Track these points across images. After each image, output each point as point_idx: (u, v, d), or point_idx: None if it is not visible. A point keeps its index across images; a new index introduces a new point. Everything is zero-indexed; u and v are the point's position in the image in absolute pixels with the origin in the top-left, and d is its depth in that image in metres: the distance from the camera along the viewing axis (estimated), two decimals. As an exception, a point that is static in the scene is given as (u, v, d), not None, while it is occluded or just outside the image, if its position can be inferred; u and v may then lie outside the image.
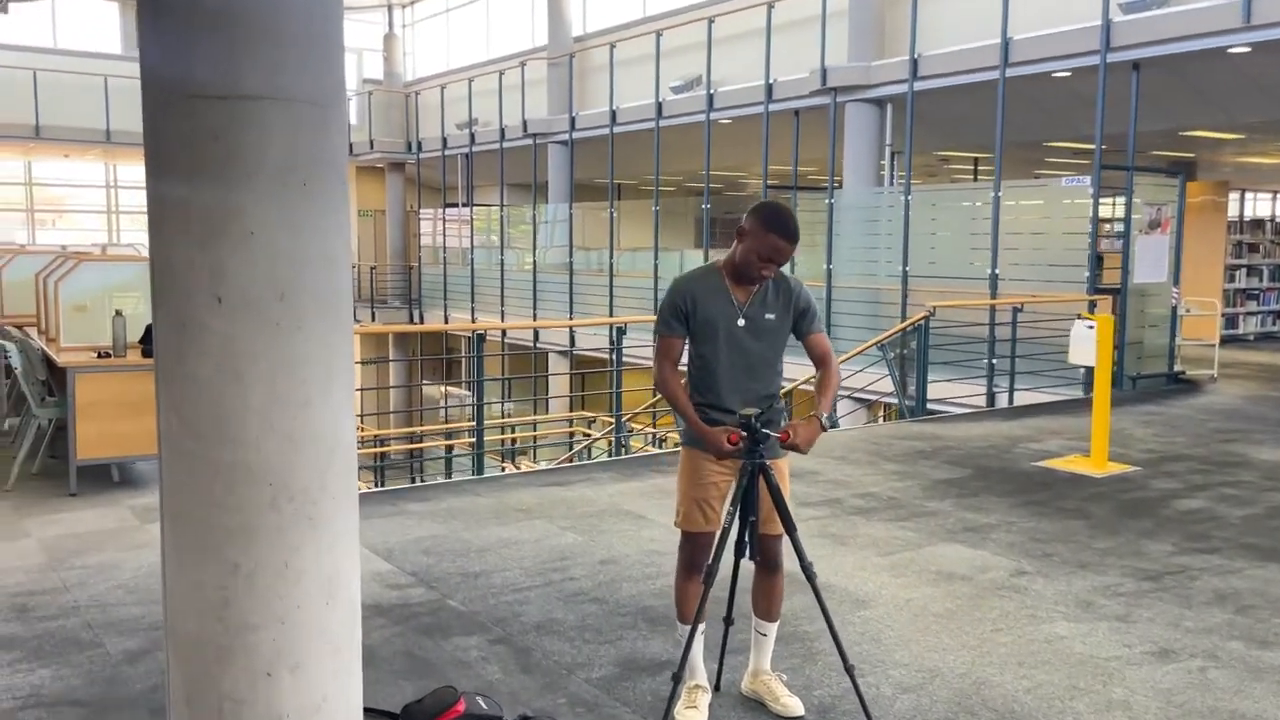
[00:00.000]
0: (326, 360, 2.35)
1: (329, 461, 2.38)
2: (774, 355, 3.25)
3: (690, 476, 3.26)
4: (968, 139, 14.72)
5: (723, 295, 3.16)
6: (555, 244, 18.22)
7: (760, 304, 3.18)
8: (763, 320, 3.18)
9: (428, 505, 5.86)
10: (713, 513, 3.26)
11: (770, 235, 3.04)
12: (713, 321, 3.14)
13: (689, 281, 3.20)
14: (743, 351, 3.17)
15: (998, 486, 6.34)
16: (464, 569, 4.71)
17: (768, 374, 3.23)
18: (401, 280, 23.06)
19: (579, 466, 7.22)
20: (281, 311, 2.27)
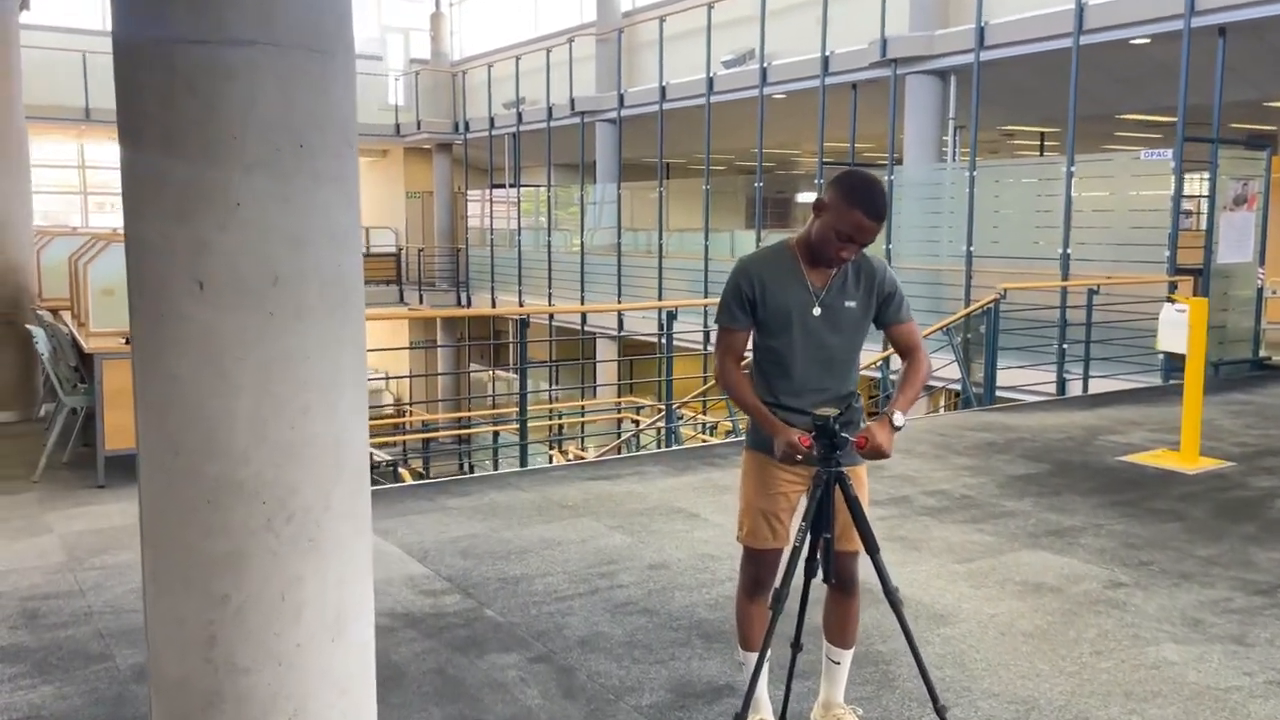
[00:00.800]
0: (331, 357, 1.99)
1: (334, 475, 2.02)
2: (853, 349, 2.84)
3: (756, 485, 2.86)
4: (1034, 112, 14.07)
5: (796, 279, 2.75)
6: (603, 225, 17.85)
7: (839, 290, 2.77)
8: (842, 309, 2.77)
9: (468, 500, 5.53)
10: (781, 528, 2.87)
11: (854, 211, 2.61)
12: (784, 310, 2.73)
13: (756, 263, 2.78)
14: (819, 345, 2.76)
15: (1080, 484, 5.86)
16: (503, 573, 4.37)
17: (846, 370, 2.82)
18: (449, 262, 22.85)
19: (627, 459, 6.86)
20: (275, 299, 1.91)
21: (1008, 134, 16.58)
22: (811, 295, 2.74)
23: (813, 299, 2.74)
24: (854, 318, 2.78)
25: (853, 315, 2.78)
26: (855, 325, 2.80)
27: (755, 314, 2.76)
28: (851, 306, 2.77)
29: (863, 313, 2.80)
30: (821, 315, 2.74)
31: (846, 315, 2.77)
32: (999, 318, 8.38)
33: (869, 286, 2.79)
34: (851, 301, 2.77)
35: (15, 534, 4.90)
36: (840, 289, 2.77)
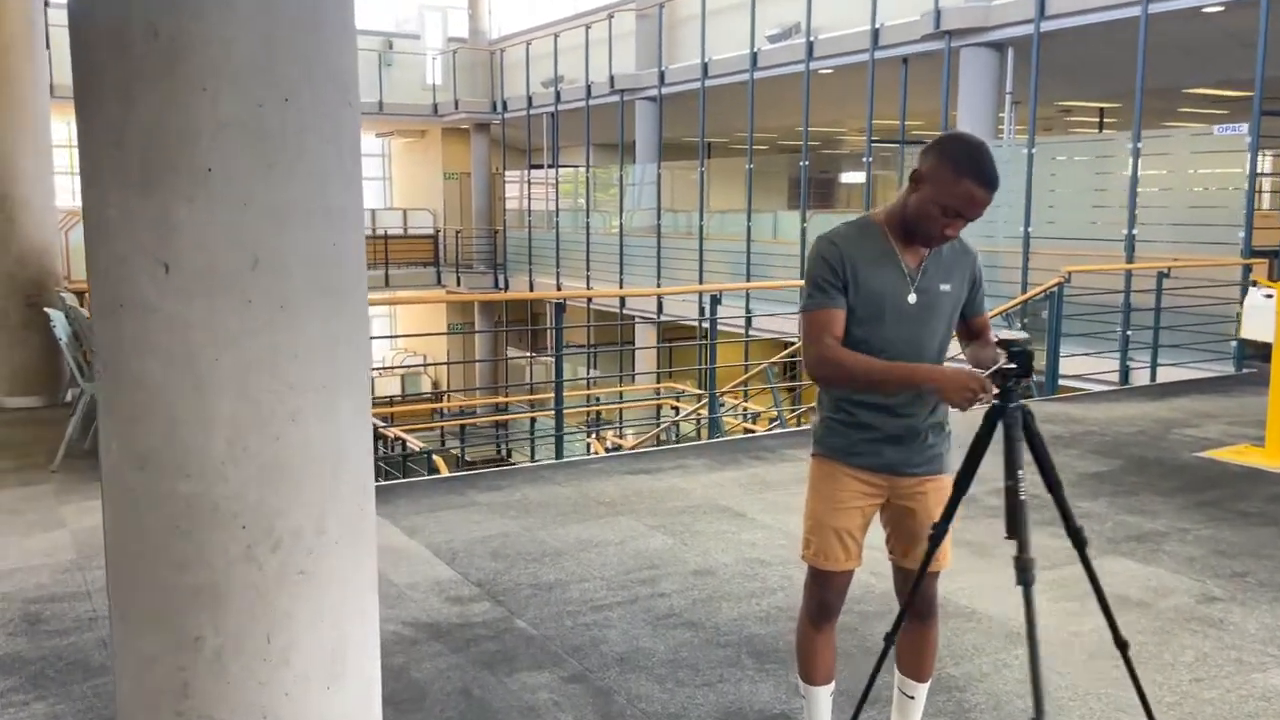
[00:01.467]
0: (325, 353, 1.67)
1: (330, 493, 1.71)
2: (946, 341, 2.49)
3: (827, 497, 2.51)
4: (1096, 86, 13.46)
5: (890, 261, 2.37)
6: (642, 206, 17.47)
7: (934, 272, 2.40)
8: (937, 294, 2.40)
9: (501, 496, 5.23)
10: (855, 546, 2.51)
11: (962, 181, 2.23)
12: (877, 296, 2.36)
13: (846, 241, 2.38)
14: (911, 337, 2.40)
15: (1159, 483, 5.44)
16: (537, 578, 4.06)
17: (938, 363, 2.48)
18: (486, 244, 22.60)
19: (668, 451, 6.52)
20: (256, 285, 1.59)
21: (1065, 110, 15.95)
22: (906, 279, 2.37)
23: (908, 283, 2.37)
24: (949, 305, 2.43)
25: (948, 302, 2.42)
26: (950, 314, 2.44)
27: (847, 297, 2.38)
28: (947, 291, 2.41)
29: (956, 298, 2.44)
30: (917, 302, 2.38)
31: (942, 302, 2.41)
32: (1062, 302, 7.93)
33: (963, 269, 2.44)
34: (947, 285, 2.41)
35: (28, 529, 4.67)
36: (935, 272, 2.40)
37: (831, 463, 2.50)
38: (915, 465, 2.47)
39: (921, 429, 2.46)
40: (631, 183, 17.88)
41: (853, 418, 2.44)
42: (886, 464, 2.45)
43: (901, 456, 2.46)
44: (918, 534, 2.50)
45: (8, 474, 5.59)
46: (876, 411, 2.42)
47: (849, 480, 2.47)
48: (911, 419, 2.45)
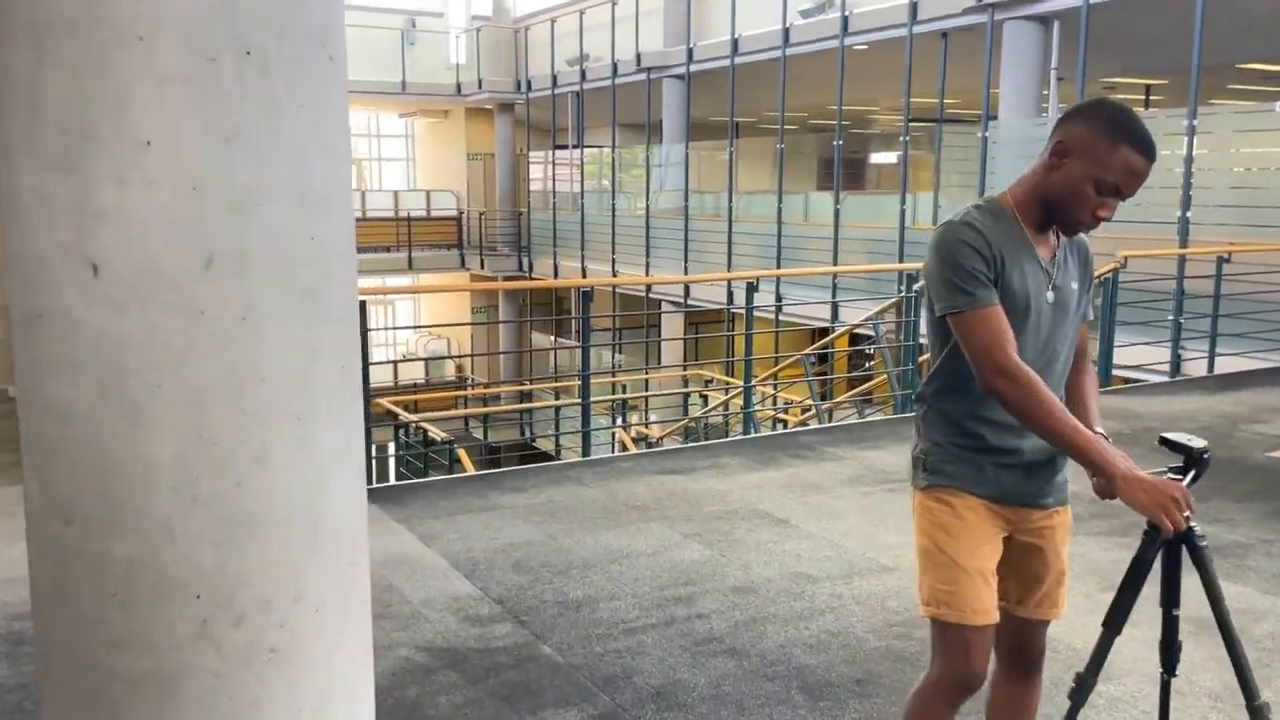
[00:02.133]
0: (300, 375, 1.32)
1: (308, 550, 1.36)
2: (1074, 345, 2.12)
3: (962, 534, 2.06)
4: (1144, 62, 12.92)
5: (1028, 252, 1.99)
6: (669, 187, 17.06)
7: (1066, 267, 2.05)
8: (1069, 292, 2.04)
9: (524, 498, 4.90)
10: (995, 591, 2.09)
11: (1120, 148, 1.85)
12: (1021, 294, 1.96)
13: (984, 227, 1.95)
14: (1048, 345, 2.02)
15: (1233, 486, 5.03)
16: (563, 594, 3.72)
17: (1063, 379, 2.11)
18: (510, 226, 22.25)
19: (701, 448, 6.16)
20: (209, 291, 1.25)
21: (1109, 88, 15.36)
22: (1044, 273, 2.00)
23: (1045, 279, 2.00)
24: (1078, 306, 2.06)
25: (1076, 301, 2.06)
26: (1078, 314, 2.08)
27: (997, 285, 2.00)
28: (1075, 289, 2.05)
29: (1082, 297, 2.07)
30: (1054, 302, 2.00)
31: (1073, 303, 2.05)
32: (1117, 288, 7.49)
33: (1084, 265, 2.08)
34: (1075, 283, 2.05)
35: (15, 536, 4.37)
36: (1066, 266, 2.04)
37: (959, 493, 2.05)
38: (1046, 495, 2.09)
39: (1058, 455, 2.07)
40: (658, 164, 17.45)
41: (982, 441, 2.03)
42: (1019, 494, 2.05)
43: (1035, 486, 2.07)
44: (1040, 575, 2.12)
45: (5, 470, 5.31)
46: (1013, 434, 2.01)
47: (984, 511, 2.05)
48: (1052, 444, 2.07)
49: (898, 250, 12.18)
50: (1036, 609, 2.12)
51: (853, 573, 3.93)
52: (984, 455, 2.03)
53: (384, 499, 4.87)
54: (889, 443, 5.91)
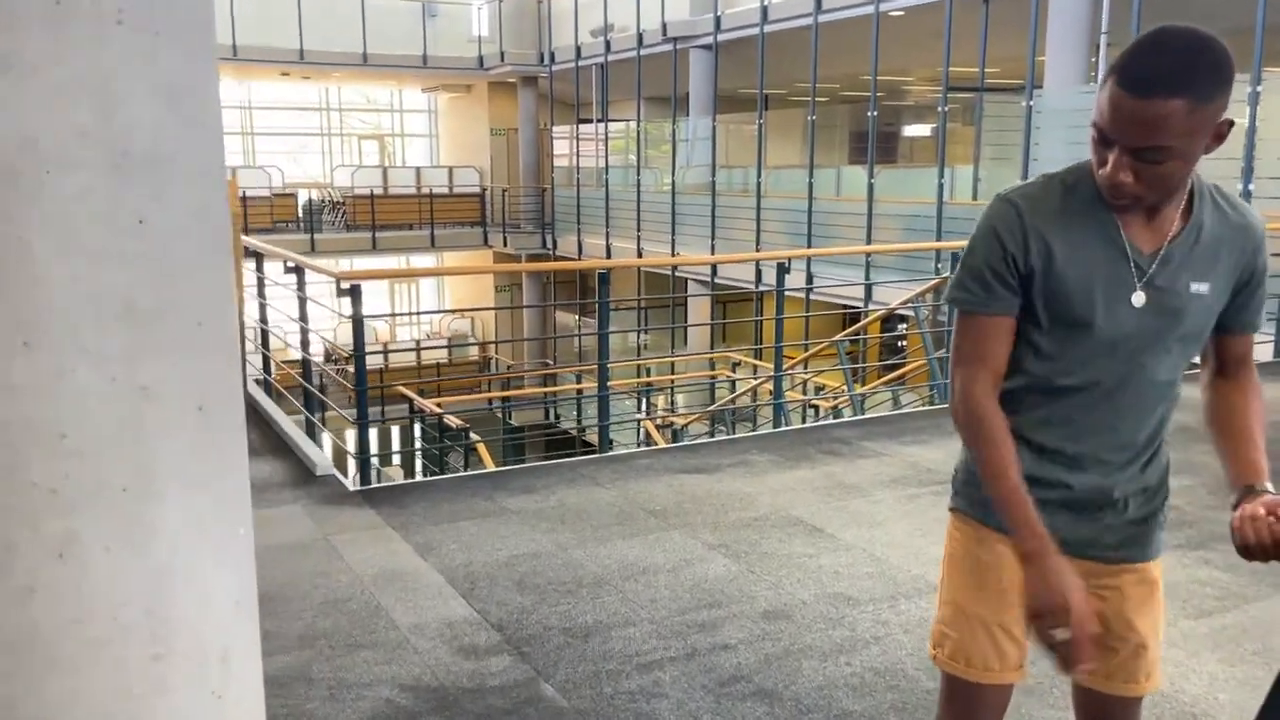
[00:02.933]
0: (130, 424, 0.89)
1: (148, 691, 0.93)
2: (1184, 365, 1.64)
3: (972, 573, 1.70)
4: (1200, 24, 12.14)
5: (1107, 237, 1.54)
6: (696, 163, 16.53)
7: (1183, 263, 1.55)
8: (1185, 297, 1.55)
9: (534, 500, 4.48)
10: (1014, 648, 1.69)
11: (1109, 81, 1.43)
12: (1083, 292, 1.54)
13: (1034, 205, 1.55)
14: (1129, 364, 1.56)
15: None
16: (570, 619, 3.30)
17: (1165, 403, 1.63)
18: (534, 203, 21.80)
19: (728, 443, 5.72)
20: None
21: (1157, 54, 14.60)
22: (1131, 267, 1.54)
23: (1133, 274, 1.54)
24: (1200, 316, 1.57)
25: (1200, 312, 1.57)
26: (1200, 330, 1.59)
27: (1028, 294, 1.56)
28: (1201, 294, 1.55)
29: (1212, 307, 1.58)
30: (1146, 305, 1.54)
31: (1190, 311, 1.56)
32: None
33: (1235, 255, 1.57)
34: (1202, 284, 1.55)
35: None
36: (1185, 262, 1.55)
37: (979, 525, 1.68)
38: (1106, 548, 1.66)
39: (1120, 493, 1.63)
40: (684, 138, 16.92)
41: (1045, 479, 1.62)
42: (1064, 542, 1.59)
43: (1086, 533, 1.65)
44: (1110, 644, 1.67)
45: None
46: (1063, 464, 1.60)
47: (1006, 552, 1.63)
48: (1106, 476, 1.62)
49: (935, 227, 11.62)
50: (1109, 682, 1.67)
51: (898, 594, 3.48)
52: None
53: (382, 501, 4.47)
54: (931, 436, 5.44)
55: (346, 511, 4.34)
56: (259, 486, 4.70)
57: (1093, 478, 1.61)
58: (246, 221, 17.95)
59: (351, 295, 4.64)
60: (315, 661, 3.01)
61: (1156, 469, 1.65)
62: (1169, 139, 1.39)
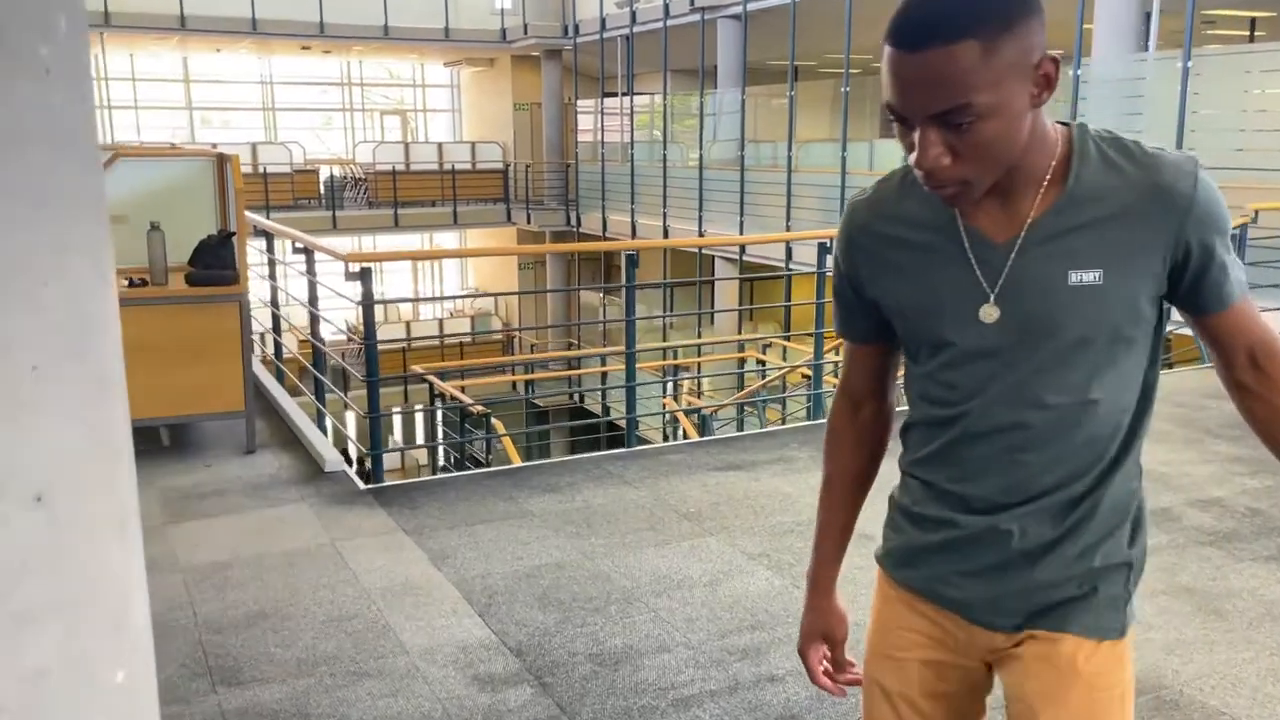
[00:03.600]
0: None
1: None
2: (1125, 374, 1.22)
3: (874, 629, 1.39)
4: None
5: (943, 234, 1.23)
6: (724, 137, 16.07)
7: (1054, 244, 1.17)
8: (1062, 289, 1.17)
9: (558, 501, 4.14)
10: None
11: (885, 46, 1.11)
12: (929, 309, 1.25)
13: (871, 208, 1.29)
14: (1011, 378, 1.22)
15: None
16: (598, 642, 2.97)
17: (1085, 431, 1.21)
18: (558, 179, 21.41)
19: (766, 436, 5.35)
20: None
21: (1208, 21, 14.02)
22: (973, 268, 1.20)
23: (977, 277, 1.20)
24: (1099, 310, 1.17)
25: (1095, 305, 1.17)
26: (1106, 327, 1.18)
27: (882, 314, 1.31)
28: (1089, 283, 1.16)
29: (1124, 295, 1.17)
30: (1001, 318, 1.19)
31: (1077, 307, 1.17)
32: (1246, 247, 6.49)
33: (1155, 231, 1.15)
34: (1089, 271, 1.16)
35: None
36: (1057, 243, 1.17)
37: (882, 573, 1.39)
38: (1007, 612, 1.27)
39: (1023, 543, 1.23)
40: (711, 112, 16.46)
41: (909, 499, 1.34)
42: (953, 598, 1.29)
43: (982, 591, 1.27)
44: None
45: None
46: (941, 499, 1.28)
47: (905, 609, 1.34)
48: (1003, 520, 1.24)
49: (975, 203, 11.15)
50: None
51: (963, 615, 3.12)
52: (913, 525, 1.33)
53: (394, 500, 4.15)
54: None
55: (355, 512, 4.03)
56: (265, 483, 4.40)
57: (984, 520, 1.24)
58: (268, 198, 17.74)
59: (361, 278, 4.31)
60: (313, 693, 2.69)
61: (1096, 521, 1.23)
62: (969, 93, 1.06)
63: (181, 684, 2.73)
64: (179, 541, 3.73)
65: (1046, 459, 1.21)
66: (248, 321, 4.68)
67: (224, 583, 3.36)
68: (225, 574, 3.43)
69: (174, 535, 3.79)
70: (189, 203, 5.13)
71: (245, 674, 2.78)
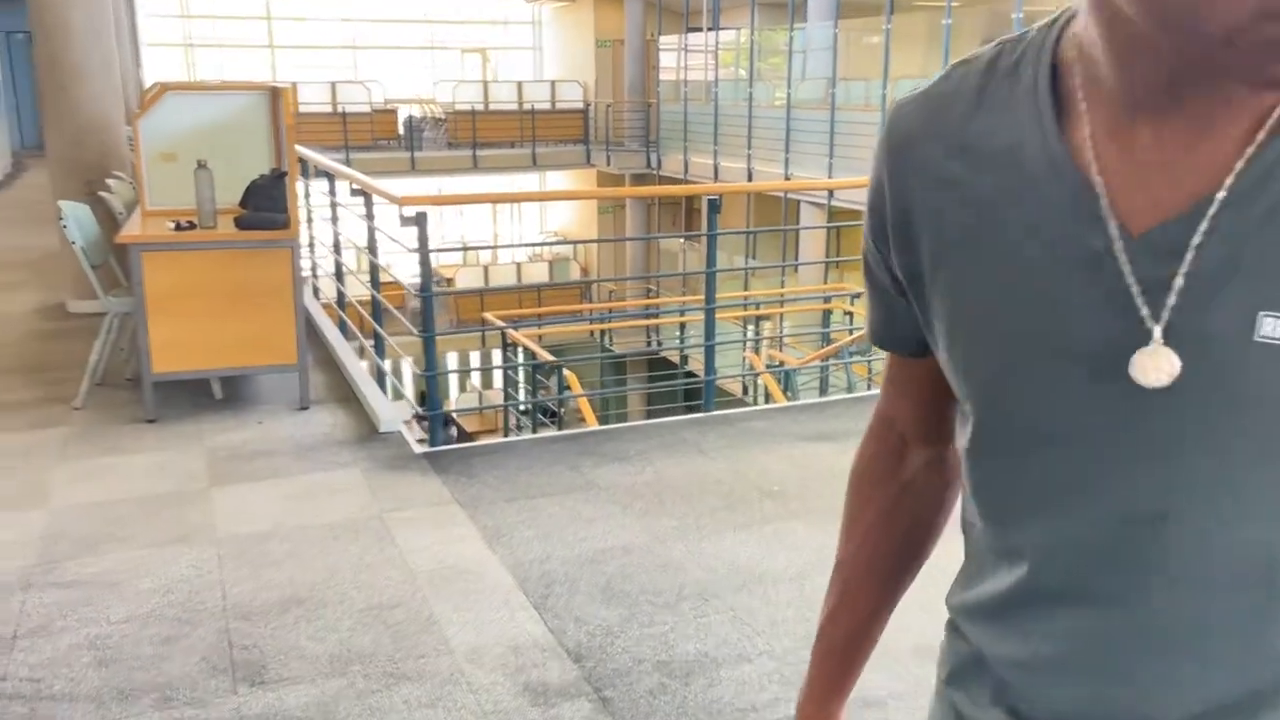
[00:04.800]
0: None
1: None
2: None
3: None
4: None
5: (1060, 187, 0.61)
6: (813, 75, 15.31)
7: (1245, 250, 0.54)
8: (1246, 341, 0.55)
9: (627, 471, 3.77)
10: None
11: None
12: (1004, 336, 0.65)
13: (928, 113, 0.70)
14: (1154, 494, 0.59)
15: None
16: (668, 648, 2.59)
17: None
18: (639, 119, 20.82)
19: (857, 401, 4.89)
20: None
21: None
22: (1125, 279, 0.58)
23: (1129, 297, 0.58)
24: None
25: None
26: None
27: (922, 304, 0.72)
28: None
29: None
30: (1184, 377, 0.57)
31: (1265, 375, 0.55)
32: None
33: None
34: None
35: (0, 502, 3.52)
36: (1249, 248, 0.55)
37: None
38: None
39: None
40: (800, 48, 15.67)
41: (951, 670, 0.80)
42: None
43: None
44: None
45: (25, 409, 4.50)
46: (999, 691, 0.73)
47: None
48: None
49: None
50: None
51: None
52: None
53: (450, 466, 3.82)
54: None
55: (408, 480, 3.71)
56: (316, 442, 4.11)
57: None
58: (346, 138, 17.57)
59: (417, 223, 3.94)
60: (343, 698, 2.37)
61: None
62: None
63: (200, 681, 2.44)
64: (220, 508, 3.46)
65: (1217, 655, 0.62)
66: (299, 269, 4.37)
67: (260, 558, 3.07)
68: (263, 548, 3.14)
69: (216, 501, 3.52)
70: (242, 140, 4.82)
71: (271, 672, 2.48)
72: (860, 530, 0.89)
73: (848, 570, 0.90)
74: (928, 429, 0.83)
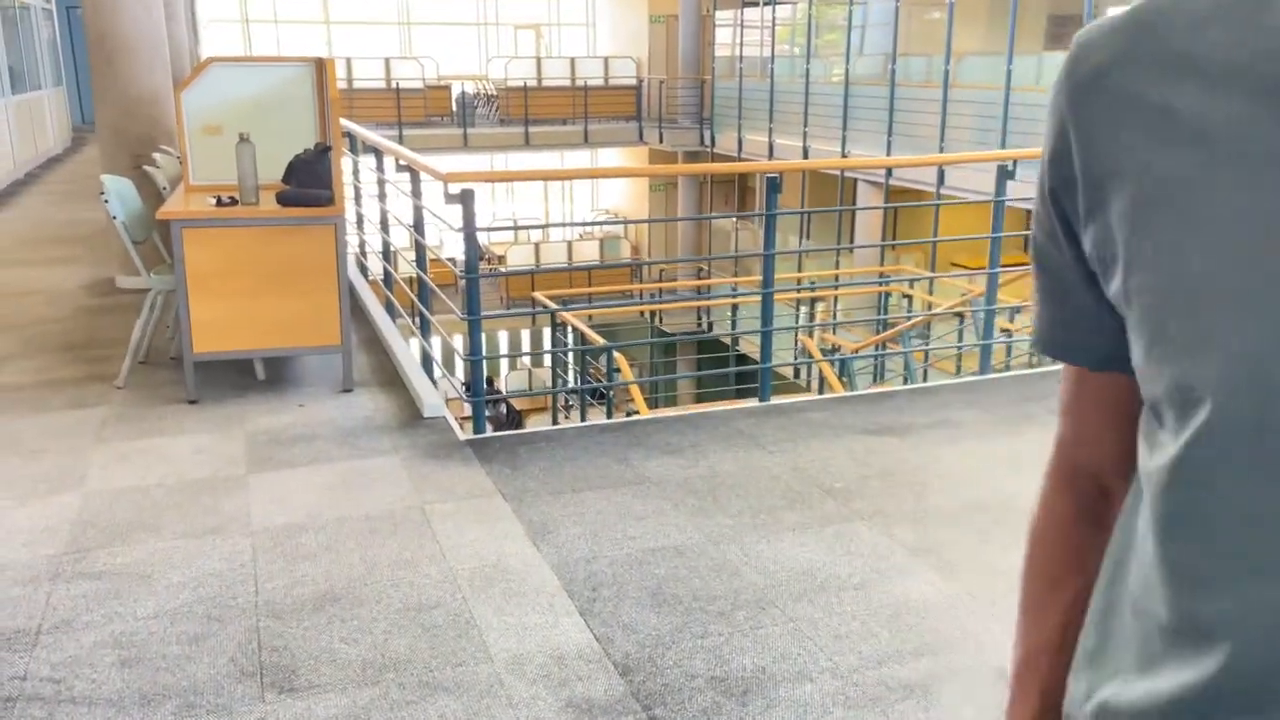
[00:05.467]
0: None
1: None
2: None
3: None
4: None
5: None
6: (872, 50, 14.89)
7: None
8: None
9: (679, 465, 3.58)
10: None
11: None
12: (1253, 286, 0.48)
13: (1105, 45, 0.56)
14: None
15: None
16: (722, 662, 2.41)
17: None
18: (693, 96, 20.50)
19: (922, 394, 4.64)
20: None
21: None
22: None
23: None
24: None
25: None
26: None
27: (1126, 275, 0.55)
28: None
29: None
30: None
31: None
32: None
33: None
34: None
35: (35, 485, 3.42)
36: None
37: None
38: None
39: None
40: (859, 23, 15.25)
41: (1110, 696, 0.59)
42: None
43: None
44: None
45: (65, 387, 4.43)
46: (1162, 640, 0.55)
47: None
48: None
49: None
50: None
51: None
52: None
53: (495, 456, 3.66)
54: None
55: (450, 469, 3.56)
56: (358, 427, 3.98)
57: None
58: (400, 114, 17.48)
59: (462, 202, 3.77)
60: (375, 709, 2.22)
61: None
62: None
63: (227, 686, 2.30)
64: (257, 496, 3.33)
65: None
66: (343, 247, 4.23)
67: (295, 551, 2.94)
68: (298, 540, 3.01)
69: (254, 488, 3.40)
70: (287, 114, 4.68)
71: (301, 677, 2.34)
72: (1059, 615, 0.71)
73: (1046, 668, 0.72)
74: (1131, 466, 0.63)
